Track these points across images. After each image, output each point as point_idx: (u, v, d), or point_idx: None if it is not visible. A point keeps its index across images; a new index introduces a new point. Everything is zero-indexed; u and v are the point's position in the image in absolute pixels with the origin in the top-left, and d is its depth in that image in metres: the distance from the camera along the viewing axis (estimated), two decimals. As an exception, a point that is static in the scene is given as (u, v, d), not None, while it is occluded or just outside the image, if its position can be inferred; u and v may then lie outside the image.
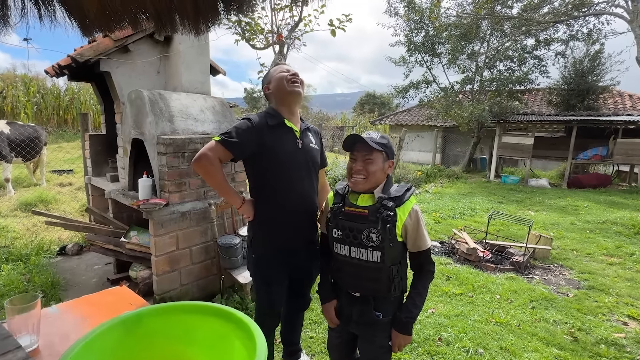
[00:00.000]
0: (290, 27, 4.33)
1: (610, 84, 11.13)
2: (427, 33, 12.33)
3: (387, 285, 1.45)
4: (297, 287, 1.88)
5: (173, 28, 1.73)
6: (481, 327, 2.74)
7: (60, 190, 6.97)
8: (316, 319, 2.74)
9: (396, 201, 1.41)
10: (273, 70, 1.72)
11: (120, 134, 3.20)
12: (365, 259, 1.43)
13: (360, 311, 1.51)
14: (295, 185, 1.68)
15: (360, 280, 1.49)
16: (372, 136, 1.44)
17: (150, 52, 3.16)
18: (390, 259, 1.42)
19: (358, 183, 1.44)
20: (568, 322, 2.88)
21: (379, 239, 1.39)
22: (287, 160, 1.65)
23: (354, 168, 1.45)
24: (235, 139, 1.57)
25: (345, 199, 1.51)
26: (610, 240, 4.93)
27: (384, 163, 1.45)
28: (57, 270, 3.43)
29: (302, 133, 1.74)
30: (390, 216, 1.38)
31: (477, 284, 3.52)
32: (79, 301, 1.30)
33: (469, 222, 5.84)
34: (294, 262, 1.75)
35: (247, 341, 0.65)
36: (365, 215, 1.42)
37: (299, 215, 1.71)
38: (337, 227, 1.48)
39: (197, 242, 2.84)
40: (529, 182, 10.18)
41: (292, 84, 1.66)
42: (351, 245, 1.45)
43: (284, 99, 1.69)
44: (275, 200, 1.68)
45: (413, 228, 1.42)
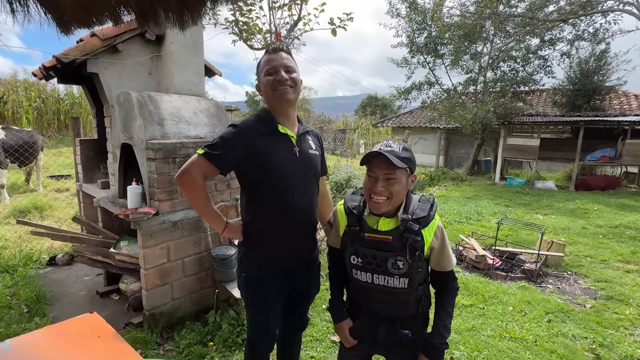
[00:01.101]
0: (289, 26, 4.17)
1: (616, 83, 10.92)
2: (430, 34, 12.18)
3: (414, 307, 1.35)
4: (295, 307, 1.70)
5: (156, 22, 1.57)
6: (495, 344, 2.54)
7: (56, 197, 6.82)
8: (317, 335, 2.55)
9: (422, 222, 1.26)
10: (262, 67, 1.48)
11: (110, 138, 3.04)
12: (390, 286, 1.29)
13: (387, 331, 1.38)
14: (293, 198, 1.48)
15: (385, 304, 1.35)
16: (394, 149, 1.24)
17: (141, 52, 3.00)
18: (417, 282, 1.31)
19: (380, 206, 1.26)
20: (588, 337, 2.68)
21: (407, 267, 1.24)
22: (282, 172, 1.45)
23: (374, 189, 1.25)
24: (220, 151, 1.38)
25: (362, 222, 1.32)
26: (625, 246, 4.72)
27: (408, 179, 1.28)
28: (45, 282, 3.26)
29: (300, 138, 1.53)
30: (418, 242, 1.24)
31: (487, 295, 3.33)
32: (38, 334, 1.13)
33: (475, 226, 5.64)
34: (291, 283, 1.56)
35: None
36: (389, 242, 1.26)
37: (296, 232, 1.52)
38: (356, 254, 1.31)
39: (189, 253, 2.67)
40: (535, 184, 9.96)
41: (278, 92, 1.43)
42: (374, 273, 1.30)
43: (274, 106, 1.49)
44: (269, 215, 1.48)
45: (439, 248, 1.30)
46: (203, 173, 1.41)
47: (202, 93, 3.16)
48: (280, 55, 1.45)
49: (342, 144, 18.96)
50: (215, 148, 1.39)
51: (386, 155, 1.19)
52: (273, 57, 1.45)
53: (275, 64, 1.44)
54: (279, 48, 1.48)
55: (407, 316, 1.36)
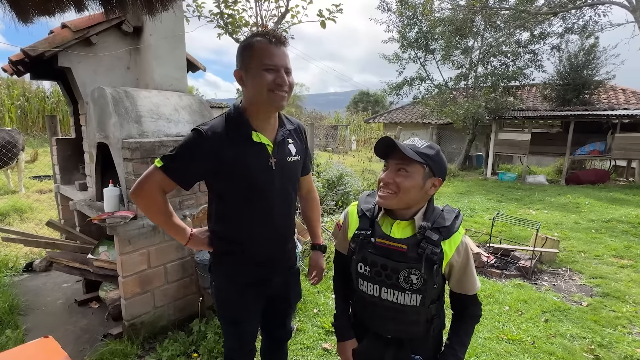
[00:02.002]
0: (276, 19, 4.01)
1: (605, 77, 10.97)
2: (421, 29, 12.10)
3: (425, 327, 1.20)
4: (274, 317, 1.57)
5: (123, 8, 1.42)
6: (493, 347, 2.45)
7: (38, 198, 6.56)
8: (308, 342, 2.43)
9: (443, 233, 1.10)
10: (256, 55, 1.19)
11: (86, 137, 2.87)
12: (400, 302, 1.14)
13: (394, 354, 1.22)
14: (267, 213, 1.32)
15: (393, 323, 1.19)
16: (416, 144, 1.12)
17: (117, 44, 2.82)
18: (430, 299, 1.15)
19: (385, 198, 1.12)
20: (586, 336, 2.61)
21: (421, 282, 1.09)
22: (254, 186, 1.27)
23: (383, 178, 1.14)
24: (180, 164, 1.21)
25: (375, 225, 1.18)
26: (618, 241, 4.70)
27: (425, 180, 1.11)
28: (20, 291, 3.08)
29: (278, 146, 1.31)
30: (436, 254, 1.08)
31: (483, 294, 3.25)
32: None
33: (469, 223, 5.58)
34: (266, 291, 1.42)
35: None
36: (403, 252, 1.11)
37: (270, 245, 1.38)
38: (364, 262, 1.17)
39: (172, 259, 2.52)
40: (526, 179, 9.98)
41: (275, 96, 1.20)
42: (383, 286, 1.15)
43: (258, 108, 1.26)
44: (240, 228, 1.33)
45: (460, 267, 1.13)
46: (161, 188, 1.24)
47: (185, 88, 2.99)
48: (283, 51, 1.21)
49: (333, 141, 18.83)
50: (175, 160, 1.20)
51: (398, 146, 1.07)
52: (276, 51, 1.19)
53: (278, 61, 1.19)
54: (281, 39, 1.21)
55: (416, 338, 1.21)
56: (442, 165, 1.13)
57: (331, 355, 2.32)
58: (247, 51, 1.20)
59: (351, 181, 6.15)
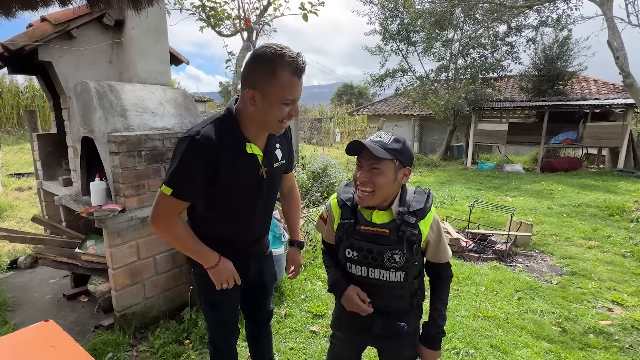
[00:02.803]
0: (258, 11, 4.03)
1: (578, 69, 11.40)
2: (402, 21, 12.23)
3: (409, 301, 1.33)
4: (253, 299, 1.66)
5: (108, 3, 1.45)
6: (469, 324, 2.62)
7: (17, 196, 6.40)
8: (296, 326, 2.54)
9: (419, 215, 1.22)
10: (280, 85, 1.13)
11: (69, 132, 2.85)
12: (386, 279, 1.26)
13: (383, 324, 1.34)
14: (250, 219, 1.40)
15: (380, 299, 1.31)
16: (383, 139, 1.19)
17: (99, 38, 2.81)
18: (413, 275, 1.29)
19: (364, 199, 1.21)
20: (555, 311, 2.82)
21: (403, 260, 1.22)
22: (244, 196, 1.33)
23: (358, 178, 1.21)
24: (184, 181, 1.20)
25: (357, 214, 1.28)
26: (587, 224, 4.99)
27: (397, 173, 1.20)
28: (6, 288, 3.06)
29: (268, 155, 1.34)
30: (415, 235, 1.20)
31: (461, 276, 3.43)
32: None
33: (449, 210, 5.79)
34: (243, 277, 1.46)
35: None
36: (386, 236, 1.22)
37: (248, 243, 1.46)
38: (351, 248, 1.28)
39: (161, 250, 2.57)
40: (504, 167, 10.33)
41: (282, 125, 1.24)
42: (369, 267, 1.27)
43: (260, 128, 1.27)
44: (221, 227, 1.38)
45: (435, 241, 1.27)
46: (177, 213, 1.26)
47: (168, 82, 3.01)
48: (301, 82, 1.19)
49: (318, 133, 18.88)
50: (179, 180, 1.20)
51: (368, 147, 1.14)
52: (298, 83, 1.17)
53: (298, 95, 1.19)
54: (305, 69, 1.18)
55: (401, 310, 1.34)
56: (409, 155, 1.22)
57: (318, 337, 2.43)
58: (270, 77, 1.13)
59: (335, 172, 6.26)
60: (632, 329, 2.59)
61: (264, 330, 1.78)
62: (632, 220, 5.00)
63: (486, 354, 2.27)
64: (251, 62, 1.17)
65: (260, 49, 1.15)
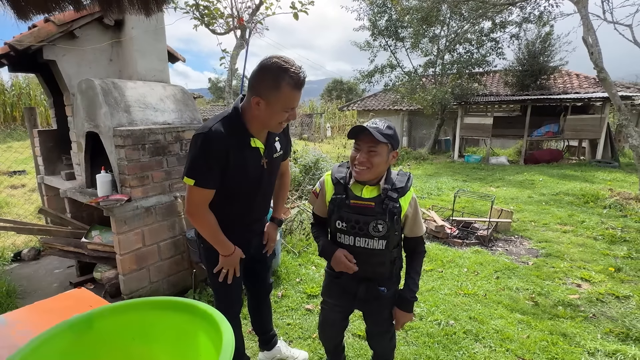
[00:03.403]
0: (251, 10, 4.17)
1: (559, 64, 11.79)
2: (390, 17, 12.42)
3: (389, 267, 1.54)
4: (254, 273, 1.87)
5: (120, 8, 1.61)
6: (451, 300, 2.86)
7: (11, 193, 6.44)
8: (292, 305, 2.75)
9: (400, 192, 1.44)
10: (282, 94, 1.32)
11: (73, 127, 2.99)
12: (370, 247, 1.46)
13: (366, 288, 1.55)
14: (252, 206, 1.61)
15: (364, 264, 1.52)
16: (379, 126, 1.39)
17: (100, 37, 2.94)
18: (393, 244, 1.49)
19: (361, 174, 1.42)
20: (529, 288, 3.08)
21: (386, 230, 1.42)
22: (249, 186, 1.54)
23: (357, 159, 1.42)
24: (202, 171, 1.39)
25: (347, 190, 1.48)
26: (564, 210, 5.30)
27: (389, 154, 1.42)
28: (13, 278, 3.18)
29: (269, 148, 1.55)
30: (396, 208, 1.41)
31: (446, 260, 3.67)
32: (31, 308, 1.21)
33: (436, 201, 6.05)
34: (247, 251, 1.68)
35: (212, 333, 0.62)
36: (372, 207, 1.43)
37: (249, 227, 1.68)
38: (341, 219, 1.47)
39: (164, 238, 2.74)
40: (490, 160, 10.67)
41: (280, 127, 1.46)
42: (357, 236, 1.47)
43: (260, 125, 1.46)
44: (225, 213, 1.55)
45: (412, 216, 1.48)
46: (205, 201, 1.45)
47: (167, 79, 3.16)
48: (300, 93, 1.38)
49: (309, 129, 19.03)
50: (197, 171, 1.38)
51: (370, 131, 1.34)
52: (298, 94, 1.36)
53: (296, 104, 1.39)
54: (304, 79, 1.36)
55: (382, 276, 1.55)
56: (398, 140, 1.46)
57: (313, 314, 2.64)
58: (274, 90, 1.31)
59: (327, 165, 6.45)
60: (596, 301, 2.87)
61: (265, 303, 1.99)
62: (605, 206, 5.33)
63: (464, 324, 2.51)
64: (258, 71, 1.34)
65: (268, 60, 1.32)
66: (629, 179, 7.25)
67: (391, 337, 1.72)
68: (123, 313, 0.71)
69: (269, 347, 2.08)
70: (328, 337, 1.81)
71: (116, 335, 0.70)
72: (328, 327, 1.78)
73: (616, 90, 5.77)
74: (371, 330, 1.73)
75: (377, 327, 1.69)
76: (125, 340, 0.71)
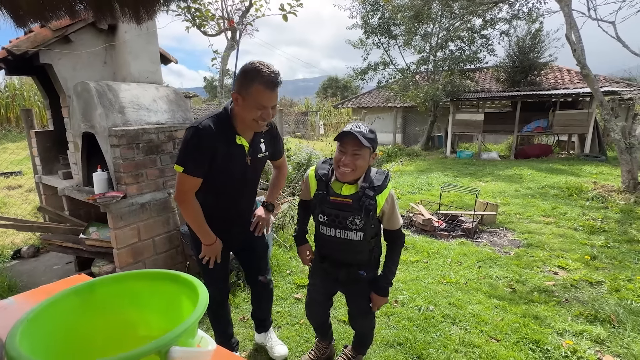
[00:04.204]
0: (241, 12, 4.29)
1: (549, 60, 11.97)
2: (383, 15, 12.54)
3: (368, 255, 1.70)
4: (247, 262, 2.04)
5: (113, 16, 1.72)
6: (433, 288, 3.02)
7: (8, 194, 6.53)
8: (282, 295, 2.89)
9: (377, 190, 1.56)
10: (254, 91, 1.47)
11: (69, 128, 3.10)
12: (349, 238, 1.61)
13: (347, 273, 1.72)
14: (236, 201, 1.75)
15: (345, 253, 1.68)
16: (362, 130, 1.50)
17: (94, 42, 3.05)
18: (370, 236, 1.63)
19: (346, 175, 1.55)
20: (508, 276, 3.24)
21: (362, 224, 1.56)
22: (232, 182, 1.67)
23: (342, 161, 1.53)
24: (194, 162, 1.53)
25: (328, 187, 1.61)
26: (548, 203, 5.47)
27: (370, 156, 1.57)
28: (14, 274, 3.30)
29: (253, 147, 1.69)
30: (372, 205, 1.54)
31: (431, 251, 3.83)
32: (36, 291, 1.34)
33: (426, 196, 6.20)
34: (229, 244, 1.84)
35: (193, 296, 0.76)
36: (350, 204, 1.56)
37: (234, 221, 1.82)
38: (323, 213, 1.62)
39: (159, 232, 2.87)
40: (481, 155, 10.85)
41: (257, 125, 1.57)
42: (337, 228, 1.61)
43: (242, 123, 1.60)
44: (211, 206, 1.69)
45: (389, 211, 1.62)
46: (191, 188, 1.58)
47: (160, 81, 3.27)
48: (276, 93, 1.51)
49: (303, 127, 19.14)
50: (187, 159, 1.52)
51: (356, 136, 1.47)
52: (271, 94, 1.49)
53: (269, 103, 1.51)
54: (278, 83, 1.50)
55: (362, 262, 1.71)
56: (377, 142, 1.59)
57: (301, 302, 2.78)
58: (248, 88, 1.47)
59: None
60: (571, 287, 3.03)
61: (261, 295, 2.13)
62: (588, 198, 5.51)
63: (443, 309, 2.66)
64: (239, 72, 1.53)
65: (248, 64, 1.50)
66: (615, 172, 7.44)
67: (371, 318, 1.88)
68: (120, 282, 0.84)
69: (259, 331, 2.25)
70: (314, 315, 1.99)
71: (114, 300, 0.83)
72: (314, 307, 1.95)
73: (599, 86, 5.95)
74: (352, 312, 1.89)
75: (357, 308, 1.85)
76: (123, 306, 0.84)
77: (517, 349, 2.23)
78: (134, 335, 0.85)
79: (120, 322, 0.85)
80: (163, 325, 0.85)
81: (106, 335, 0.82)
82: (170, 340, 0.61)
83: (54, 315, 0.74)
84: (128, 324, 0.86)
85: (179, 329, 0.63)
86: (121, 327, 0.84)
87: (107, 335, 0.82)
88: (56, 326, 0.74)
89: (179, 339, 0.63)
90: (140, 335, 0.86)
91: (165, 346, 0.60)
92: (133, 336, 0.85)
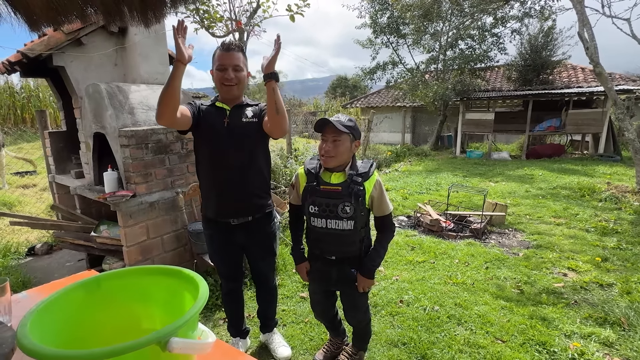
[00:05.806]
0: (248, 13, 4.33)
1: (562, 58, 11.74)
2: (392, 14, 12.49)
3: (358, 247, 1.74)
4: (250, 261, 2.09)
5: (122, 20, 1.78)
6: (439, 288, 3.00)
7: (24, 193, 6.72)
8: (288, 293, 2.91)
9: (364, 176, 1.64)
10: (215, 59, 1.74)
11: (81, 129, 3.18)
12: (340, 228, 1.66)
13: (339, 271, 1.77)
14: (222, 162, 1.81)
15: (337, 246, 1.73)
16: (341, 119, 1.60)
17: (105, 44, 3.13)
18: (360, 225, 1.68)
19: (328, 161, 1.63)
20: (516, 277, 3.20)
21: (352, 210, 1.62)
22: (213, 139, 1.78)
23: (324, 148, 1.63)
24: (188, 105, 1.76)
25: (318, 178, 1.68)
26: (559, 204, 5.38)
27: (351, 143, 1.64)
28: (28, 271, 3.41)
29: (233, 111, 1.81)
30: (360, 190, 1.61)
31: (438, 252, 3.81)
32: (47, 286, 1.39)
33: (434, 196, 6.16)
34: (232, 237, 1.91)
35: (194, 291, 0.79)
36: (339, 191, 1.63)
37: (226, 191, 1.84)
38: (313, 204, 1.68)
39: (167, 231, 2.92)
40: (491, 155, 10.71)
41: (225, 88, 1.74)
42: (328, 218, 1.67)
43: (223, 97, 1.82)
44: (204, 176, 1.86)
45: (378, 197, 1.67)
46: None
47: (168, 82, 3.33)
48: (230, 55, 1.69)
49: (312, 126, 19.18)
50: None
51: (333, 123, 1.57)
52: (224, 54, 1.69)
53: (225, 62, 1.69)
54: (231, 46, 1.70)
55: (352, 256, 1.75)
56: (359, 131, 1.68)
57: (306, 301, 2.80)
58: (213, 57, 1.76)
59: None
60: (580, 289, 2.98)
61: (263, 297, 2.18)
62: (601, 199, 5.40)
63: (449, 310, 2.65)
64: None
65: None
66: (629, 173, 7.27)
67: (365, 310, 1.93)
68: (125, 277, 0.87)
69: (264, 331, 2.28)
70: (320, 314, 2.04)
71: (119, 294, 0.86)
72: (317, 306, 2.01)
73: (612, 84, 5.82)
74: (346, 306, 1.94)
75: (351, 304, 1.90)
76: (128, 300, 0.87)
77: (523, 350, 2.21)
78: (137, 328, 0.89)
79: (125, 315, 0.88)
80: (166, 319, 0.88)
81: (111, 327, 0.86)
82: (170, 332, 0.64)
83: (62, 307, 0.78)
84: (132, 317, 0.89)
85: (179, 322, 0.66)
86: (126, 320, 0.88)
87: (112, 327, 0.86)
88: (64, 317, 0.78)
89: (179, 331, 0.65)
90: (144, 328, 0.89)
91: (165, 337, 0.63)
92: (137, 329, 0.88)
